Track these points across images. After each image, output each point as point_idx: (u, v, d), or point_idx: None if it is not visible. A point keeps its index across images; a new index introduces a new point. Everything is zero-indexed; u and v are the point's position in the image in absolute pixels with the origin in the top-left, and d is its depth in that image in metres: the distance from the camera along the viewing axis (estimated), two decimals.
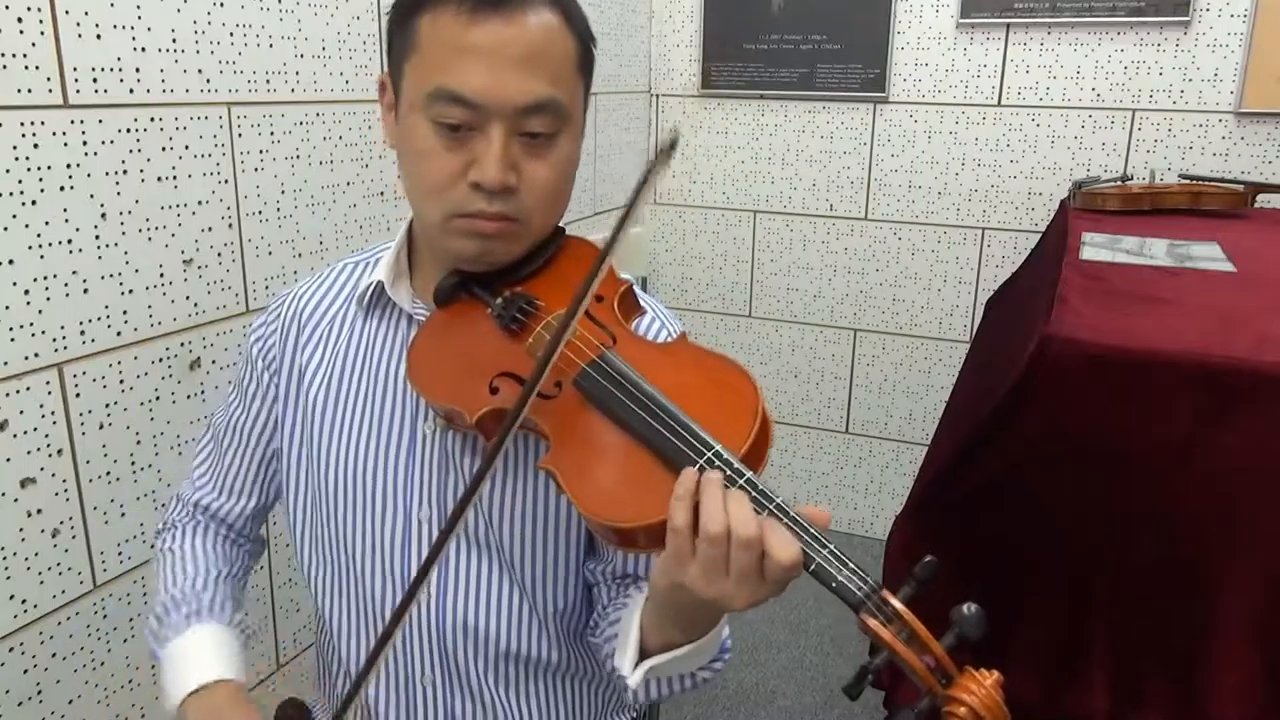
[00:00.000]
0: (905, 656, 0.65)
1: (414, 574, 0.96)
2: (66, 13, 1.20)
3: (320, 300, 1.02)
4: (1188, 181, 2.26)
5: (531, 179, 0.86)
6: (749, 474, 0.70)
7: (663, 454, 0.73)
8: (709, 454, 0.71)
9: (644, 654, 0.83)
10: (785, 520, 0.69)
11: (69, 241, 1.23)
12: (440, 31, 0.83)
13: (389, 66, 0.91)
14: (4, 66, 1.14)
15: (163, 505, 1.40)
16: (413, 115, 0.86)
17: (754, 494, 0.69)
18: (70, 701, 1.32)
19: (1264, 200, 2.25)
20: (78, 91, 1.22)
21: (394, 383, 0.96)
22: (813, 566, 0.68)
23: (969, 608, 0.65)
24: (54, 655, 1.29)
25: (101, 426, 1.31)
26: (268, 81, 1.50)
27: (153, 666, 1.38)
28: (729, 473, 0.70)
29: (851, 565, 0.68)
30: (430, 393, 0.88)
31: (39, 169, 1.19)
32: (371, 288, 0.97)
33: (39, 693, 1.27)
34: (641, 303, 0.94)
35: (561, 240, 0.94)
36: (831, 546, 0.68)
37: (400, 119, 0.89)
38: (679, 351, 0.84)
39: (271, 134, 1.52)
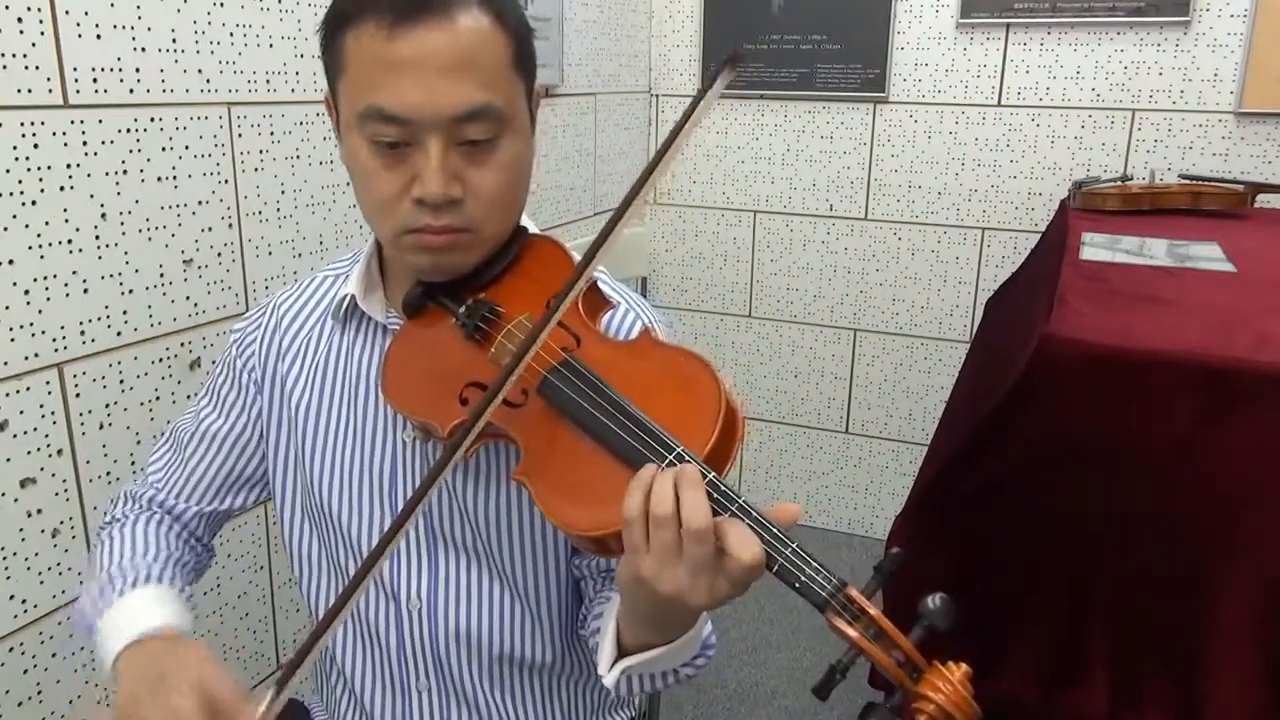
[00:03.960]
0: (873, 654, 0.65)
1: (401, 581, 0.97)
2: (66, 13, 1.20)
3: (299, 312, 1.02)
4: (1188, 181, 2.26)
5: (477, 187, 0.84)
6: (711, 475, 0.70)
7: (627, 459, 0.72)
8: (671, 456, 0.70)
9: (622, 652, 0.82)
10: (747, 521, 0.68)
11: (69, 241, 1.23)
12: (364, 48, 0.81)
13: (328, 87, 0.89)
14: (4, 67, 1.14)
15: None
16: (350, 135, 0.85)
17: (716, 495, 0.68)
18: (70, 701, 1.32)
19: (1264, 200, 2.25)
20: (78, 91, 1.22)
21: (373, 394, 0.95)
22: (775, 567, 0.67)
23: (935, 599, 0.65)
24: (54, 655, 1.28)
25: (101, 426, 1.31)
26: (268, 81, 1.50)
27: None
28: None
29: (815, 564, 0.67)
30: (404, 407, 0.88)
31: (39, 169, 1.19)
32: (345, 300, 0.97)
33: (39, 693, 1.27)
34: (610, 296, 0.92)
35: (524, 240, 0.93)
36: (795, 545, 0.67)
37: (342, 138, 0.88)
38: (643, 350, 0.83)
39: (271, 134, 1.52)
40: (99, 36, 1.24)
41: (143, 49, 1.30)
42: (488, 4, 0.83)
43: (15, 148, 1.16)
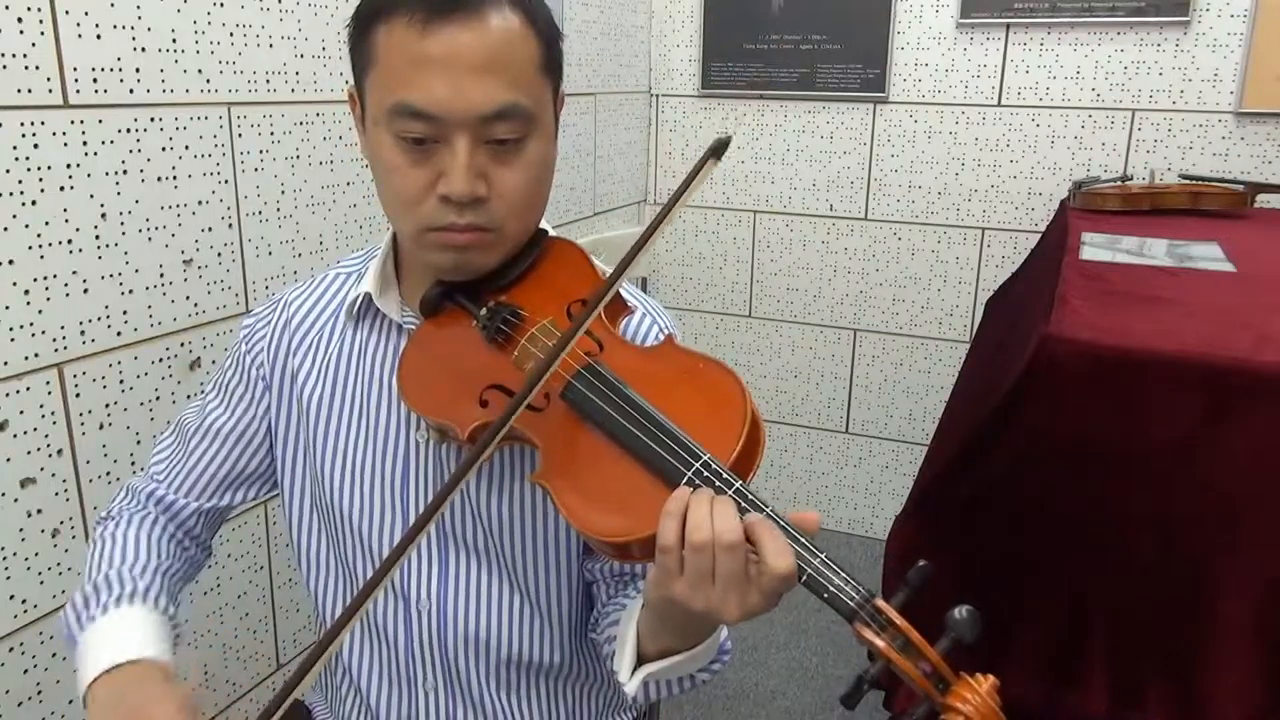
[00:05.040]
0: (901, 664, 0.65)
1: (412, 582, 0.97)
2: (66, 13, 1.20)
3: (311, 309, 1.01)
4: (1188, 181, 2.26)
5: (502, 187, 0.84)
6: (738, 483, 0.70)
7: (651, 465, 0.73)
8: (697, 464, 0.71)
9: (642, 659, 0.82)
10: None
11: (69, 241, 1.23)
12: (395, 43, 0.81)
13: (354, 80, 0.89)
14: (4, 66, 1.14)
15: None
16: (377, 130, 0.85)
17: (743, 504, 0.69)
18: (70, 701, 1.32)
19: (1264, 200, 2.25)
20: (78, 91, 1.22)
21: (387, 393, 0.95)
22: (804, 577, 0.67)
23: (961, 611, 0.65)
24: (54, 655, 1.28)
25: (101, 426, 1.31)
26: (268, 81, 1.50)
27: None
28: (718, 483, 0.70)
29: (843, 574, 0.67)
30: (423, 409, 0.88)
31: (39, 169, 1.19)
32: (360, 298, 0.96)
33: (39, 693, 1.27)
34: (630, 301, 0.92)
35: (544, 243, 0.93)
36: (823, 556, 0.68)
37: (367, 133, 0.88)
38: (667, 356, 0.83)
39: (271, 134, 1.52)
40: (99, 36, 1.24)
41: (143, 49, 1.30)
42: (519, 4, 0.83)
43: (15, 148, 1.16)
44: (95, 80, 1.24)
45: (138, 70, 1.29)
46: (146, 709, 0.78)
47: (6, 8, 1.13)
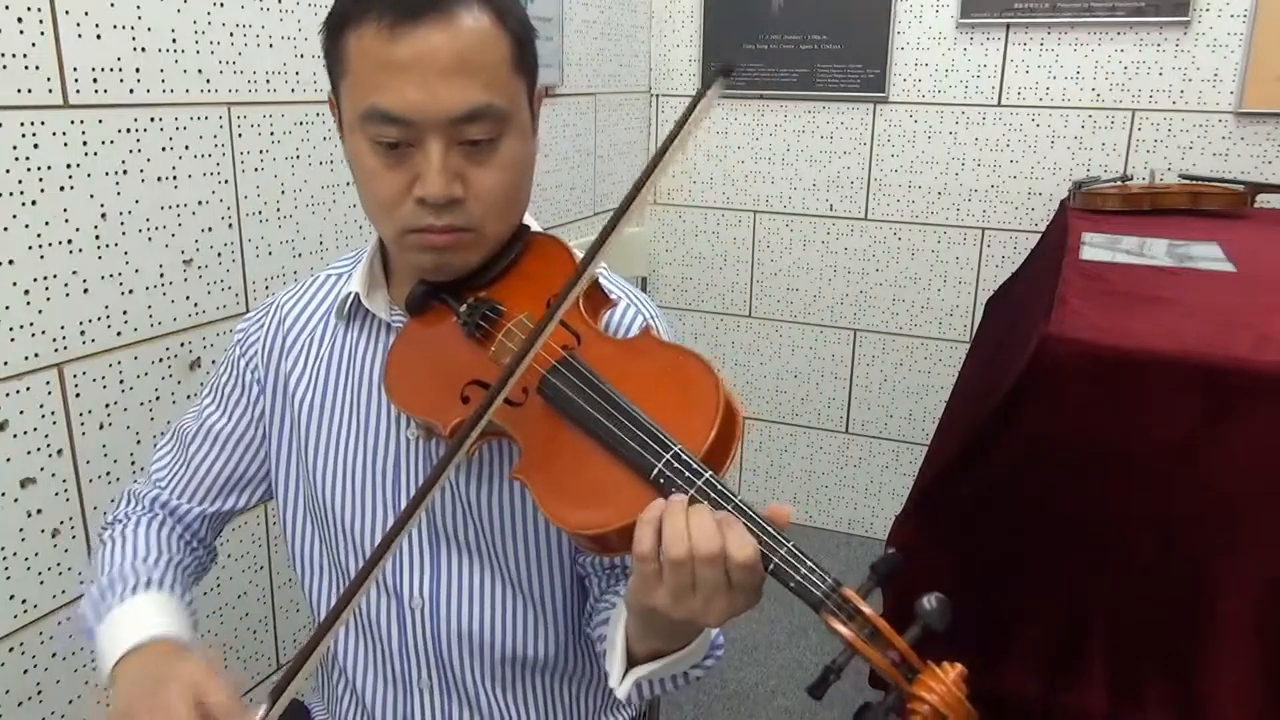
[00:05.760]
0: (868, 653, 0.65)
1: (404, 580, 0.97)
2: (66, 13, 1.20)
3: (302, 311, 1.02)
4: (1188, 181, 2.26)
5: (479, 187, 0.84)
6: (707, 474, 0.70)
7: (625, 458, 0.73)
8: (668, 455, 0.71)
9: (632, 661, 0.82)
10: (743, 520, 0.68)
11: (69, 241, 1.23)
12: (366, 49, 0.81)
13: (330, 87, 0.89)
14: (4, 67, 1.14)
15: None
16: (353, 135, 0.85)
17: (712, 495, 0.69)
18: (70, 701, 1.32)
19: (1264, 200, 2.25)
20: (78, 91, 1.22)
21: (377, 392, 0.96)
22: (771, 566, 0.68)
23: (930, 600, 0.66)
24: (54, 655, 1.28)
25: (101, 426, 1.31)
26: (268, 81, 1.50)
27: None
28: (688, 473, 0.70)
29: (810, 563, 0.67)
30: (407, 406, 0.88)
31: (39, 169, 1.19)
32: (349, 298, 0.97)
33: (39, 693, 1.27)
34: (611, 293, 0.92)
35: (526, 239, 0.93)
36: (790, 545, 0.68)
37: (345, 138, 0.88)
38: (643, 348, 0.83)
39: (271, 134, 1.52)
40: (99, 36, 1.24)
41: (143, 49, 1.30)
42: (488, 4, 0.83)
43: (15, 148, 1.16)
44: (95, 80, 1.24)
45: (138, 70, 1.29)
46: (171, 678, 0.77)
47: (6, 8, 1.13)
